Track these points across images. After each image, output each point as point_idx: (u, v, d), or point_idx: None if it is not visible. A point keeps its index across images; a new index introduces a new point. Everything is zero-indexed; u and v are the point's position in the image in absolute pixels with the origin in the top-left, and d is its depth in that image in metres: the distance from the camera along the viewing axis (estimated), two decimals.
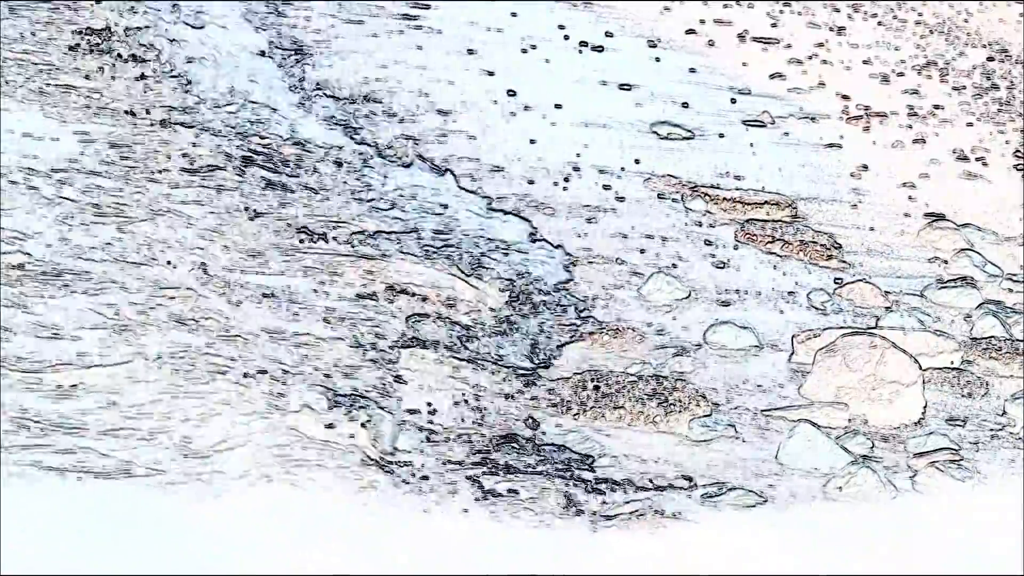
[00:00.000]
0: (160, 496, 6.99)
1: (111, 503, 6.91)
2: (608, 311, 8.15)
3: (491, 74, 10.52)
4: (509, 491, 7.11)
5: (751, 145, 10.00)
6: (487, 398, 7.60)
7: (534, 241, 8.64)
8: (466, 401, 7.55)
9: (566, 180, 9.24)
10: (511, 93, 10.42)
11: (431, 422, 7.42)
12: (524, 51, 10.82)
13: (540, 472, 7.29)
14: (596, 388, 7.77)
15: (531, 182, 9.14)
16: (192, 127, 8.54)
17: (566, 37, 10.76)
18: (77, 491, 6.99)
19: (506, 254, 8.48)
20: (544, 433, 7.46)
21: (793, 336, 8.26)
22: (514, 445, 7.39)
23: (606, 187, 9.22)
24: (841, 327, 8.32)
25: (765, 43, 11.41)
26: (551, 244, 8.63)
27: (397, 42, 9.93)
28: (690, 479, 7.28)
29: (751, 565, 6.89)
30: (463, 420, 7.53)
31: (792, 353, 8.09)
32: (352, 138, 8.91)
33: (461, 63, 10.36)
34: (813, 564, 6.89)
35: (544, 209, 8.94)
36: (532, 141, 9.64)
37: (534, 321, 7.93)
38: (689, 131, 10.02)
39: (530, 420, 7.40)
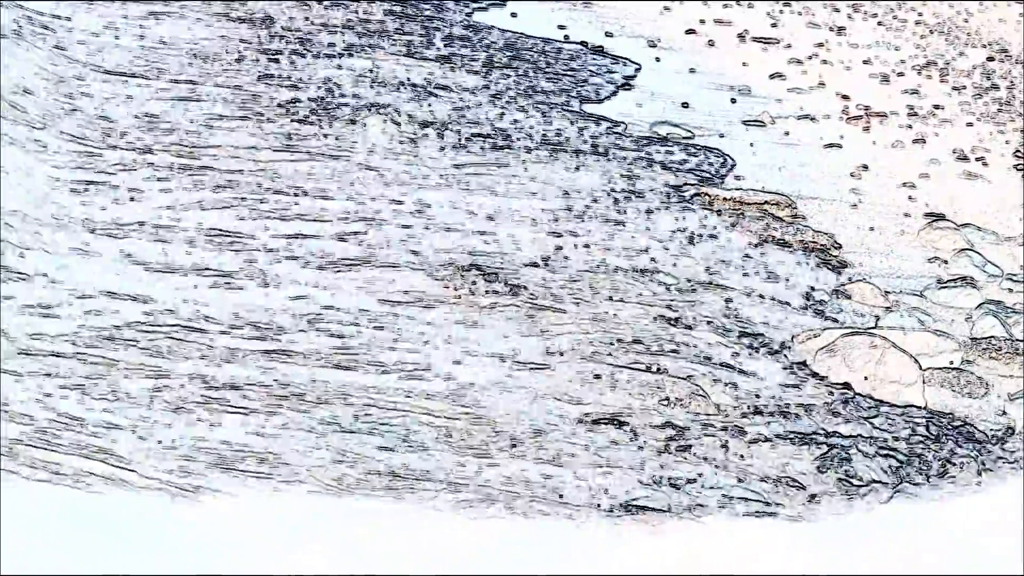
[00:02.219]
0: (157, 497, 7.00)
1: (110, 504, 6.91)
2: None
3: None
4: None
5: (751, 145, 10.01)
6: None
7: None
8: None
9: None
10: None
11: None
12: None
13: None
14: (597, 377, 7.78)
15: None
16: None
17: (566, 37, 10.77)
18: (76, 492, 6.99)
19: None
20: None
21: (793, 336, 8.26)
22: None
23: None
24: (841, 327, 8.32)
25: (765, 43, 11.42)
26: None
27: None
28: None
29: (751, 565, 6.89)
30: None
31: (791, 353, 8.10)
32: None
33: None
34: (813, 564, 6.89)
35: None
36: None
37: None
38: (689, 131, 10.03)
39: None
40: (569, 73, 10.52)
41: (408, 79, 9.71)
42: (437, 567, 6.79)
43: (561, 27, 10.86)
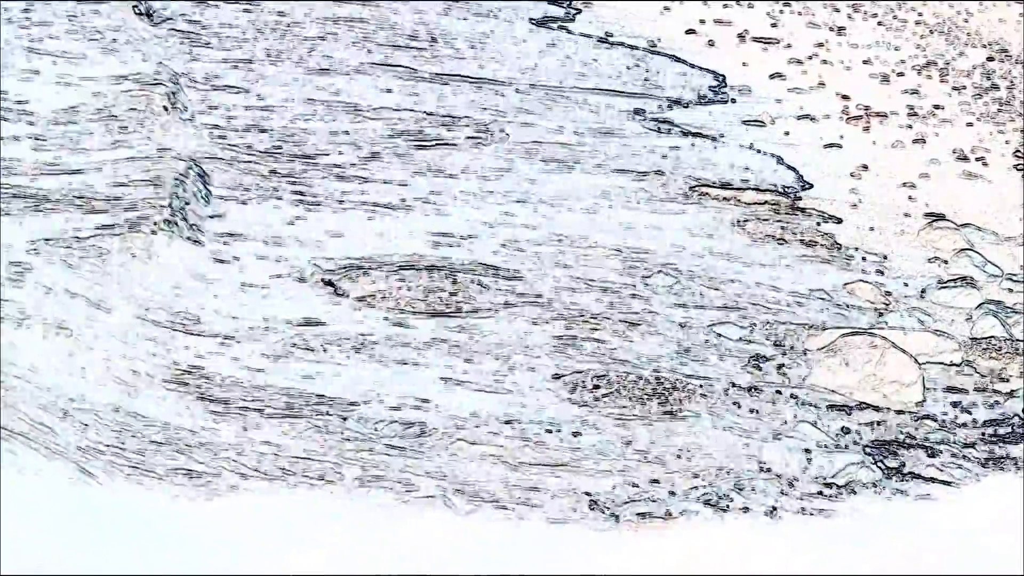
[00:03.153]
0: (158, 497, 7.00)
1: (110, 504, 6.91)
2: None
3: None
4: None
5: (751, 145, 10.00)
6: None
7: None
8: None
9: None
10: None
11: None
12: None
13: None
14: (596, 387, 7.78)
15: None
16: None
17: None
18: (76, 493, 6.99)
19: None
20: None
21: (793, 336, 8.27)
22: None
23: None
24: (841, 327, 8.32)
25: (765, 43, 11.41)
26: None
27: None
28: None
29: (752, 565, 6.88)
30: None
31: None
32: None
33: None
34: (813, 564, 6.89)
35: None
36: None
37: None
38: (689, 131, 10.02)
39: None
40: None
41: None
42: (437, 567, 6.80)
43: (562, 27, 10.87)
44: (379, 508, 7.10)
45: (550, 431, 7.56)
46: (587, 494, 7.28)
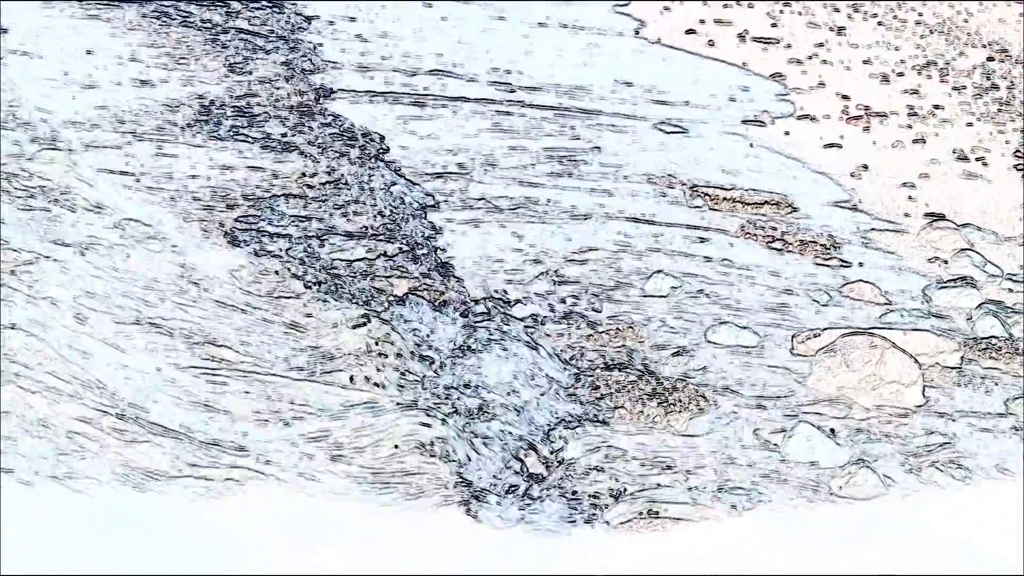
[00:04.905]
0: (159, 498, 7.00)
1: (111, 504, 6.91)
2: None
3: (496, 70, 10.55)
4: None
5: (751, 145, 10.01)
6: None
7: None
8: None
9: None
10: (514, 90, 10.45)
11: None
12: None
13: None
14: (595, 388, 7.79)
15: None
16: None
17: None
18: (78, 492, 6.99)
19: None
20: None
21: (793, 336, 8.26)
22: None
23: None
24: (841, 327, 8.32)
25: (765, 43, 11.43)
26: None
27: None
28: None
29: (751, 565, 6.88)
30: None
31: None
32: None
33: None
34: (813, 564, 6.89)
35: None
36: None
37: None
38: (689, 130, 10.03)
39: None
40: None
41: None
42: (436, 567, 6.80)
43: (564, 25, 10.89)
44: (384, 508, 7.10)
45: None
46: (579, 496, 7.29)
